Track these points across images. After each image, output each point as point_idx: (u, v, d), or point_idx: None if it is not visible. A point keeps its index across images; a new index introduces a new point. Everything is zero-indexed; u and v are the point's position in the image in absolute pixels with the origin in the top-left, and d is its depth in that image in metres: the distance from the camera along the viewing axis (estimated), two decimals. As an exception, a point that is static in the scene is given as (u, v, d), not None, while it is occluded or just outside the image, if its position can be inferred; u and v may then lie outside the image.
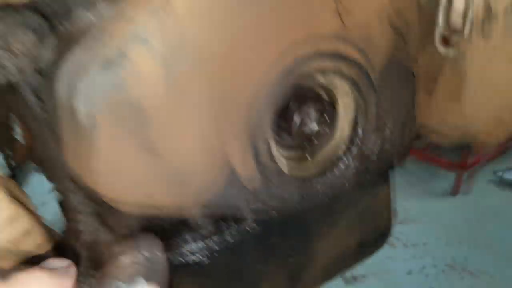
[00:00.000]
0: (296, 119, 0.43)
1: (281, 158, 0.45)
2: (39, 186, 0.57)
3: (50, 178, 0.47)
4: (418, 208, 2.58)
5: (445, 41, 0.46)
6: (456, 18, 0.42)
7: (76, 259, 0.44)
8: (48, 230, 0.44)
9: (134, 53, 0.35)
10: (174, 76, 0.37)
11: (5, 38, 0.33)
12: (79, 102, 0.36)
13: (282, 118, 0.43)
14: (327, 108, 0.45)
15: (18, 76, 0.36)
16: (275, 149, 0.43)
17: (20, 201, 0.41)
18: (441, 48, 0.46)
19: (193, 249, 0.47)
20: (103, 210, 0.44)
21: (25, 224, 0.40)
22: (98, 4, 0.36)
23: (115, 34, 0.35)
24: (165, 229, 0.46)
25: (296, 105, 0.43)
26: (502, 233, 2.39)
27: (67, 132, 0.37)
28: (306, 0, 0.39)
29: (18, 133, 0.50)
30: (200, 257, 0.47)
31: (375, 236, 0.63)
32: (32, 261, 0.41)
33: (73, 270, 0.41)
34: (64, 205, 0.46)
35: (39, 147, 0.46)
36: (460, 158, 2.60)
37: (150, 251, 0.44)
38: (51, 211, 0.52)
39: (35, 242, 0.41)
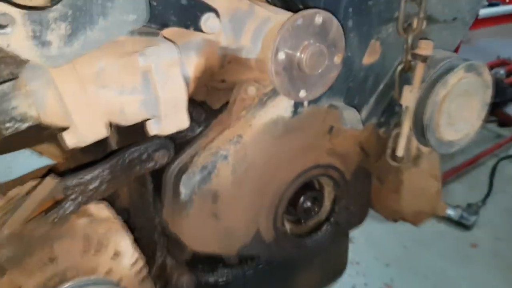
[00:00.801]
0: (301, 200, 0.70)
1: (286, 223, 0.71)
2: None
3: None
4: (358, 230, 2.92)
5: (393, 157, 0.74)
6: (400, 150, 0.70)
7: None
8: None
9: (219, 164, 0.61)
10: (236, 175, 0.63)
11: (151, 154, 0.58)
12: (182, 187, 0.61)
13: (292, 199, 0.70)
14: (318, 194, 0.73)
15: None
16: (284, 218, 0.70)
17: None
18: (390, 161, 0.74)
19: (223, 274, 0.73)
20: (172, 246, 0.69)
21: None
22: (198, 130, 0.62)
23: (209, 152, 0.61)
24: (207, 259, 0.72)
25: (301, 192, 0.70)
26: (432, 261, 2.77)
27: (169, 203, 0.62)
28: (313, 144, 0.66)
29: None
30: (226, 279, 0.73)
31: (335, 272, 0.90)
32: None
33: None
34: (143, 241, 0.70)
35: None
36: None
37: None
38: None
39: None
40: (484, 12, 2.87)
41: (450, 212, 3.02)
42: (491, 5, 3.11)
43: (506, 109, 4.57)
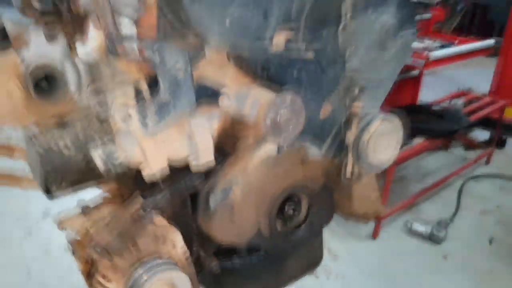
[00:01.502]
0: (286, 208, 1.06)
1: (277, 223, 1.07)
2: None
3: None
4: (343, 248, 3.26)
5: (345, 177, 1.11)
6: (348, 172, 1.06)
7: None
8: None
9: (233, 187, 0.96)
10: (245, 193, 0.98)
11: (194, 181, 0.94)
12: (210, 202, 0.97)
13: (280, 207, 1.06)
14: (297, 203, 1.09)
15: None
16: (275, 220, 1.06)
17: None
18: (343, 180, 1.10)
19: (236, 260, 1.08)
20: (204, 242, 1.04)
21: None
22: (219, 166, 0.98)
23: (227, 179, 0.97)
24: (225, 249, 1.07)
25: (286, 202, 1.07)
26: (409, 272, 3.11)
27: (201, 213, 0.98)
28: (291, 171, 1.03)
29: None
30: (238, 264, 1.08)
31: (314, 262, 1.26)
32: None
33: None
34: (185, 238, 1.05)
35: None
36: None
37: None
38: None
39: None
40: (440, 53, 3.33)
41: (422, 228, 3.40)
42: (443, 46, 3.58)
43: (471, 134, 5.04)
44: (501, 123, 4.46)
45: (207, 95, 0.92)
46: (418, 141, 3.46)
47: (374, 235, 3.33)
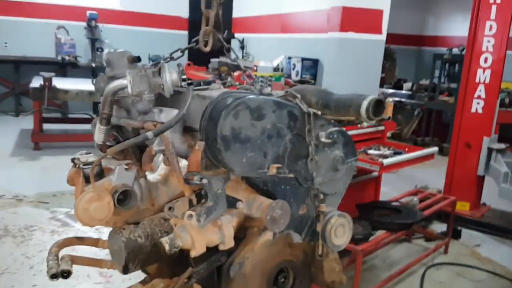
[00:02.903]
0: (279, 277, 1.58)
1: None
2: None
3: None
4: None
5: (318, 255, 1.65)
6: (319, 251, 1.61)
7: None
8: None
9: (245, 261, 1.49)
10: (252, 265, 1.50)
11: (220, 259, 1.47)
12: (230, 272, 1.48)
13: (275, 276, 1.58)
14: (286, 273, 1.61)
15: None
16: (272, 285, 1.57)
17: None
18: (317, 257, 1.64)
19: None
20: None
21: None
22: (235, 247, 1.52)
23: (240, 256, 1.49)
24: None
25: (279, 272, 1.59)
26: None
27: (224, 280, 1.49)
28: (282, 250, 1.57)
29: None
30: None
31: None
32: None
33: None
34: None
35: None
36: None
37: None
38: None
39: None
40: (392, 160, 4.04)
41: (388, 311, 3.81)
42: (395, 153, 4.32)
43: (430, 227, 5.67)
44: (453, 216, 5.11)
45: (230, 202, 1.49)
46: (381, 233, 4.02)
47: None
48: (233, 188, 1.50)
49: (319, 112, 1.53)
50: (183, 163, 1.46)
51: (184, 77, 1.53)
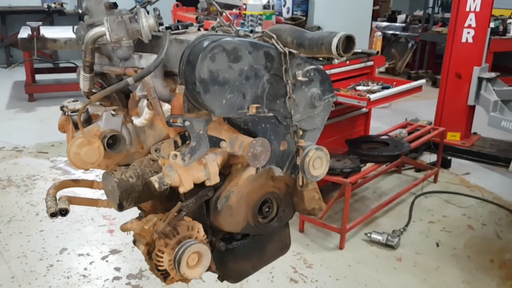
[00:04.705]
0: (264, 208, 1.71)
1: (259, 218, 1.72)
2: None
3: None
4: (316, 258, 3.90)
5: (299, 186, 1.77)
6: (299, 182, 1.72)
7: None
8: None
9: (231, 194, 1.61)
10: (238, 198, 1.62)
11: (208, 193, 1.59)
12: (218, 205, 1.61)
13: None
14: (270, 204, 1.74)
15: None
16: (257, 215, 1.71)
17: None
18: (298, 187, 1.76)
19: (234, 243, 1.71)
20: (215, 230, 1.67)
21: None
22: (220, 183, 1.63)
23: (226, 190, 1.61)
24: (228, 237, 1.70)
25: (263, 203, 1.72)
26: (369, 274, 3.75)
27: (212, 212, 1.62)
28: (265, 183, 1.69)
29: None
30: (235, 246, 1.72)
31: (285, 247, 1.90)
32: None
33: None
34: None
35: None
36: (341, 225, 4.01)
37: None
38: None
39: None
40: (379, 94, 4.11)
41: (379, 237, 4.07)
42: (383, 88, 4.37)
43: (421, 158, 5.83)
44: (443, 146, 5.25)
45: (213, 142, 1.58)
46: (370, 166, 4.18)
47: (341, 246, 3.99)
48: (216, 129, 1.59)
49: (295, 52, 1.59)
50: (166, 107, 1.53)
51: (161, 21, 1.56)
